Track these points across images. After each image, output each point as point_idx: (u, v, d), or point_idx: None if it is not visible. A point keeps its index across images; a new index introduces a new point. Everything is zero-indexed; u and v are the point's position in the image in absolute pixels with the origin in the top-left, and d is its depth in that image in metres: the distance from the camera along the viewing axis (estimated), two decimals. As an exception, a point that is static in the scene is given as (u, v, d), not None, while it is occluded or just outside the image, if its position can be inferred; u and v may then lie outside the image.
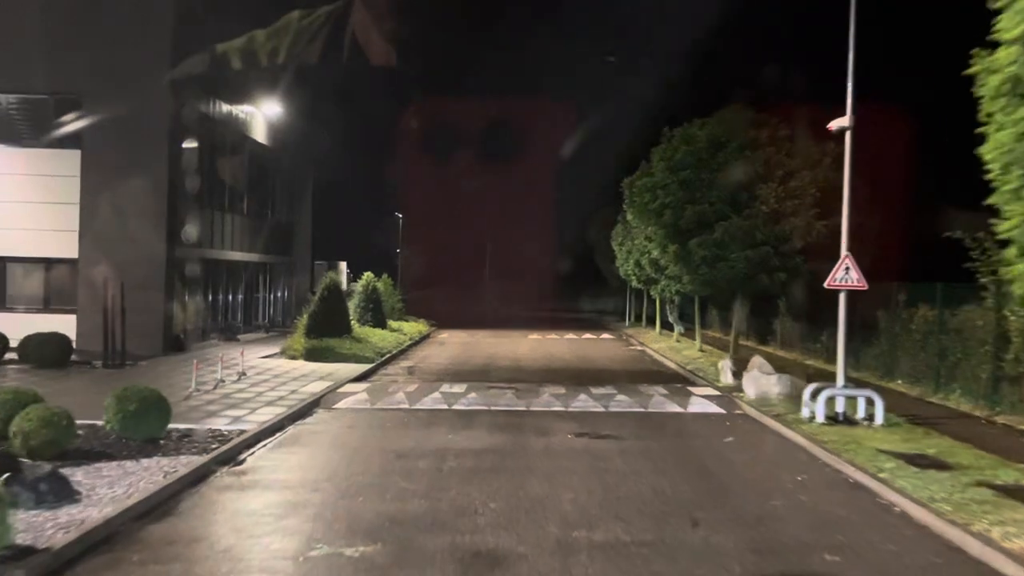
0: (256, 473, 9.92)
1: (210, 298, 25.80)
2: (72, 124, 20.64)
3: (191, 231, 28.31)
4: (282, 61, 19.64)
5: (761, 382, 15.27)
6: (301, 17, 20.04)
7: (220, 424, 12.19)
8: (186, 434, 11.39)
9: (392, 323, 30.20)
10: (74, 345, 20.46)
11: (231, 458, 10.51)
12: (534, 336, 32.54)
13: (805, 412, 13.37)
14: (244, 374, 17.76)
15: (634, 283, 30.17)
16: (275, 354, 22.14)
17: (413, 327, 31.02)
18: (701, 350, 24.08)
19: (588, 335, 33.53)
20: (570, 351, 26.50)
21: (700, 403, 15.32)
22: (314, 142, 34.11)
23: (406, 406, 14.82)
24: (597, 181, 59.78)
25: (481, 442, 11.71)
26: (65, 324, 20.49)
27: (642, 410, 14.74)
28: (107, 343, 18.74)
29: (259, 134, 28.71)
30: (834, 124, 13.39)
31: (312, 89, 30.07)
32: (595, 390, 16.67)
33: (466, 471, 9.97)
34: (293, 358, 21.31)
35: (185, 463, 9.77)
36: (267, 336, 27.66)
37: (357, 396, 15.60)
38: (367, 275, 28.53)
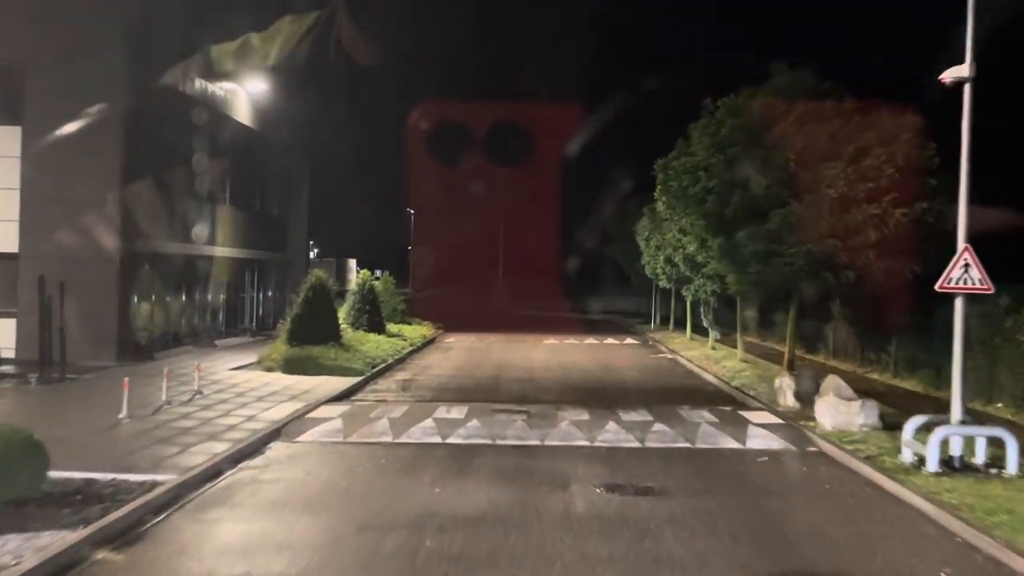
0: (148, 558, 6.86)
1: (184, 299, 22.85)
2: (12, 96, 17.81)
3: (200, 231, 25.48)
4: (272, 62, 19.28)
5: (840, 409, 12.03)
6: (292, 21, 19.96)
7: (134, 471, 9.15)
8: (78, 489, 8.37)
9: (392, 327, 27.15)
10: (13, 354, 17.64)
11: (123, 531, 7.46)
12: (550, 341, 29.37)
13: (907, 455, 10.15)
14: (200, 392, 14.73)
15: (663, 283, 26.91)
16: (250, 364, 19.12)
17: (416, 331, 27.95)
18: (744, 360, 20.82)
19: (610, 339, 30.32)
20: (591, 360, 23.33)
21: (761, 436, 12.10)
22: (310, 129, 31.16)
23: (388, 439, 11.71)
24: (619, 173, 56.48)
25: (477, 503, 8.57)
26: (3, 330, 17.66)
27: (689, 446, 11.56)
28: (43, 353, 15.80)
29: (244, 116, 25.72)
30: (949, 74, 10.12)
31: (309, 72, 27.36)
32: (625, 415, 13.50)
33: (450, 560, 6.85)
34: (269, 370, 18.27)
35: (42, 546, 6.73)
36: (252, 341, 24.66)
37: (329, 424, 12.52)
38: (363, 273, 25.50)
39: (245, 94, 25.19)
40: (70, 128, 17.54)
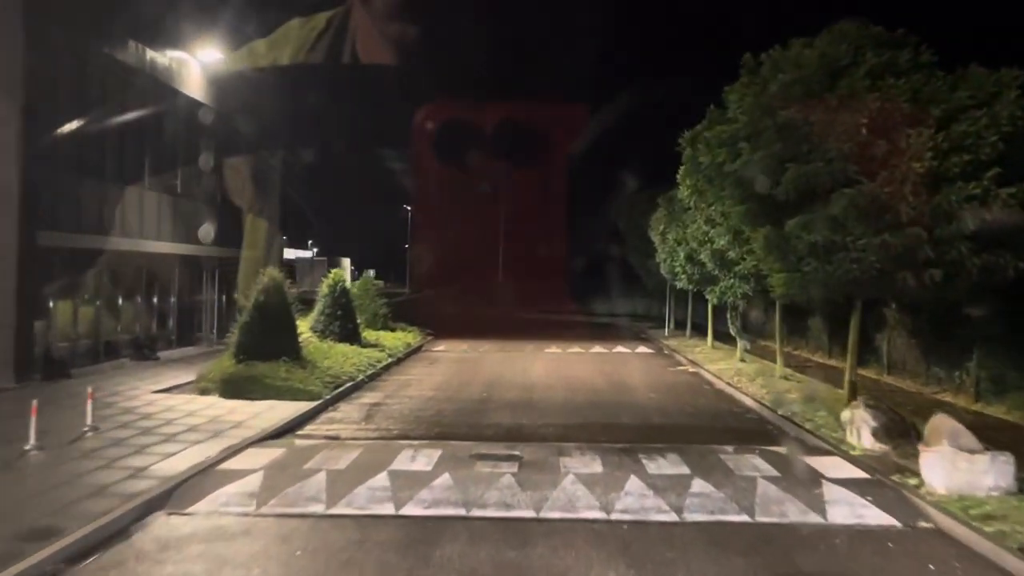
0: None
1: (120, 303, 19.41)
2: None
3: (207, 230, 22.99)
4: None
5: (958, 465, 8.53)
6: (301, 24, 21.12)
7: None
8: None
9: (371, 334, 23.70)
10: None
11: None
12: (552, 349, 25.90)
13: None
14: (94, 428, 11.28)
15: (682, 283, 23.39)
16: (185, 384, 15.70)
17: (399, 339, 24.47)
18: (785, 378, 17.31)
19: (620, 348, 26.80)
20: (600, 374, 19.85)
21: (845, 500, 8.62)
22: (282, 112, 27.72)
23: (318, 508, 8.25)
24: (628, 164, 52.99)
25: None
26: None
27: (747, 520, 8.09)
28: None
29: (198, 91, 22.28)
30: None
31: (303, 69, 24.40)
32: (651, 463, 10.04)
33: None
34: (204, 392, 14.84)
35: None
36: (207, 352, 21.20)
37: (245, 481, 9.05)
38: (334, 273, 22.04)
39: (198, 65, 21.74)
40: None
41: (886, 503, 8.50)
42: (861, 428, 11.00)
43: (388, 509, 8.23)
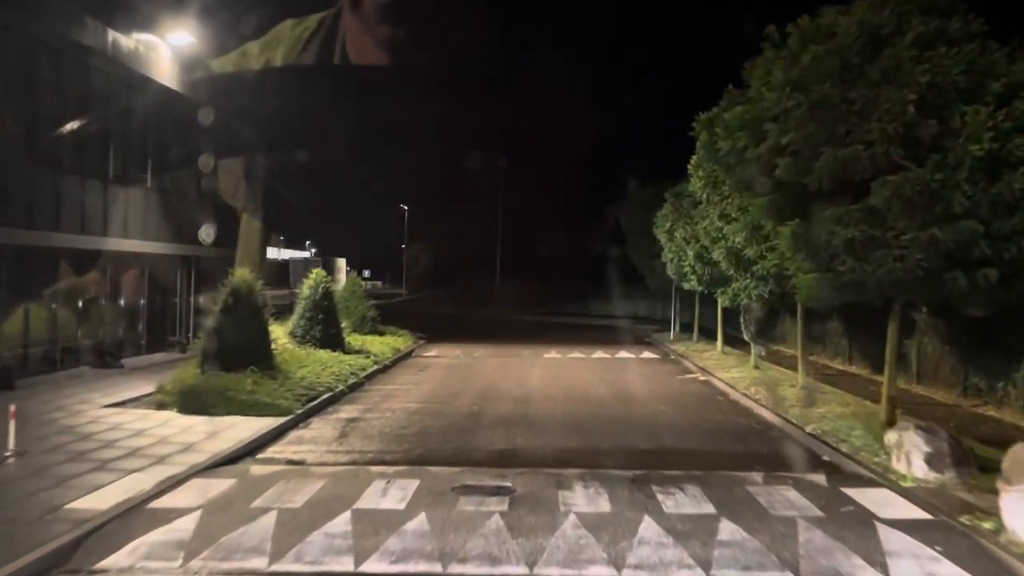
0: None
1: (80, 306, 17.84)
2: None
3: (207, 231, 22.18)
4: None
5: (1050, 509, 6.94)
6: (294, 26, 21.31)
7: None
8: None
9: (357, 339, 22.13)
10: None
11: None
12: (551, 354, 24.32)
13: None
14: (19, 454, 9.71)
15: (691, 284, 21.77)
16: (144, 397, 14.13)
17: (387, 344, 22.87)
18: (807, 388, 15.70)
19: (624, 353, 25.21)
20: (602, 382, 18.26)
21: (909, 550, 7.01)
22: (277, 111, 26.12)
23: (257, 566, 6.64)
24: (630, 162, 51.40)
25: None
26: None
27: (792, 580, 6.52)
28: None
29: (170, 78, 20.68)
30: None
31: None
32: (667, 498, 8.44)
33: None
34: (161, 406, 13.25)
35: None
36: (179, 359, 19.60)
37: (175, 526, 7.46)
38: (315, 273, 20.42)
39: (169, 50, 20.15)
40: None
41: (960, 555, 6.91)
42: (911, 453, 9.41)
43: (346, 564, 6.64)
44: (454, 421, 13.32)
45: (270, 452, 10.98)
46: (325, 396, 14.93)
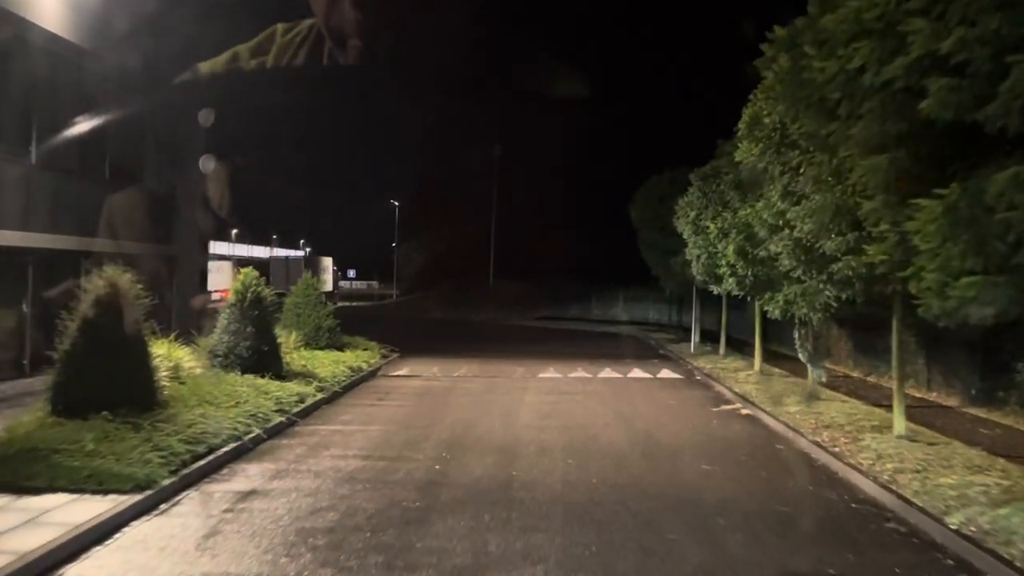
0: None
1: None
2: None
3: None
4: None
5: None
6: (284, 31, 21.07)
7: None
8: None
9: (305, 356, 17.66)
10: None
11: None
12: (549, 373, 19.85)
13: None
14: None
15: (728, 286, 17.14)
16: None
17: (345, 362, 18.30)
18: (913, 438, 11.13)
19: (637, 371, 20.66)
20: (618, 421, 13.77)
21: None
22: (199, 69, 21.64)
23: None
24: (638, 150, 46.88)
25: None
26: None
27: None
28: None
29: (67, 30, 16.20)
30: None
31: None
32: None
33: None
34: (-46, 477, 8.75)
35: None
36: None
37: None
38: (243, 273, 15.88)
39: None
40: None
41: None
42: None
43: None
44: (399, 498, 8.80)
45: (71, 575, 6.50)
46: (225, 450, 10.43)
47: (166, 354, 12.83)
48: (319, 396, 14.86)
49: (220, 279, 56.33)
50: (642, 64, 64.88)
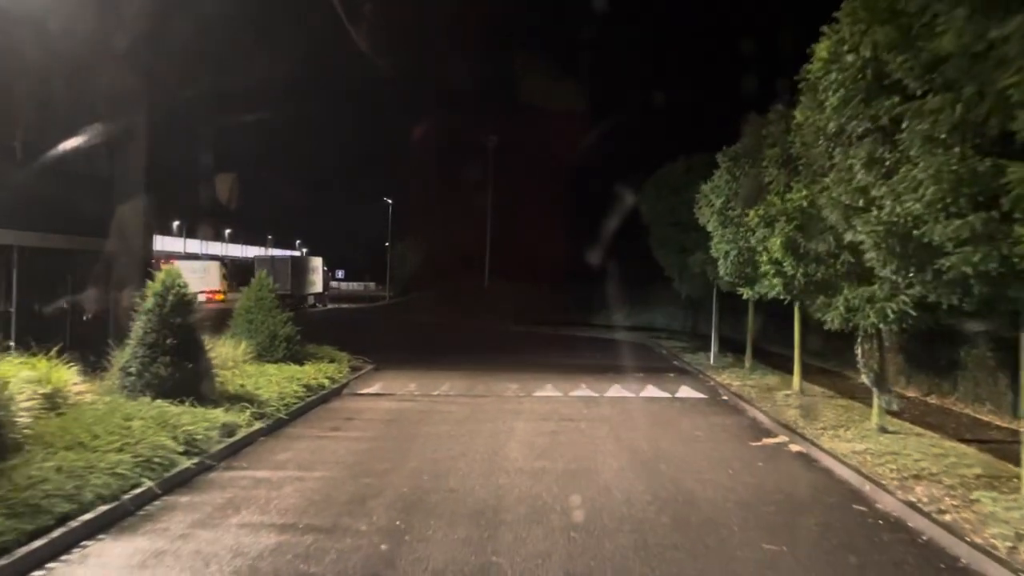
0: None
1: None
2: None
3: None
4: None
5: None
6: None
7: None
8: None
9: (252, 371, 14.58)
10: None
11: None
12: (546, 391, 16.76)
13: None
14: None
15: (767, 287, 13.95)
16: None
17: (301, 379, 15.08)
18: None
19: (652, 388, 17.51)
20: (633, 464, 10.67)
21: None
22: (146, 33, 18.54)
23: None
24: (647, 144, 43.69)
25: None
26: None
27: None
28: None
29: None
30: None
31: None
32: None
33: None
34: None
35: None
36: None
37: None
38: (164, 272, 12.74)
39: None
40: None
41: None
42: None
43: None
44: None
45: None
46: (85, 519, 7.35)
47: (41, 376, 9.76)
48: (255, 426, 11.75)
49: (208, 280, 53.33)
50: (646, 54, 61.88)
